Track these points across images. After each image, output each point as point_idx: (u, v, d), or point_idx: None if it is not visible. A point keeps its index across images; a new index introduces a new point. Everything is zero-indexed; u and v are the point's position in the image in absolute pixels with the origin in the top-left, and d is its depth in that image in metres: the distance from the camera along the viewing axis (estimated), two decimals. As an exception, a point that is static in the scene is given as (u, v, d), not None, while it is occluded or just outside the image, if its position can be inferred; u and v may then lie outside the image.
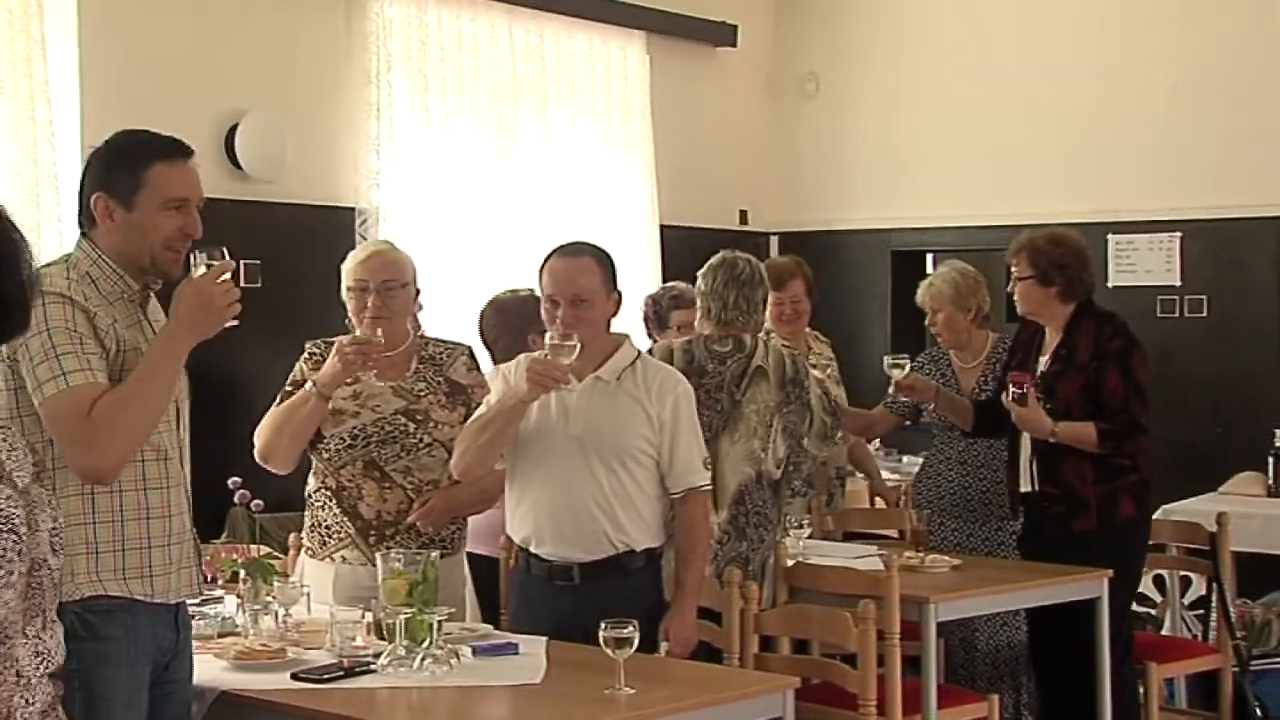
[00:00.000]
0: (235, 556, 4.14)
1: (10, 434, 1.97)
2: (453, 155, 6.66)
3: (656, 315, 5.71)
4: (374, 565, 4.03)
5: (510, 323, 5.06)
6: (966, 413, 5.32)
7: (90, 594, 3.05)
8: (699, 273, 4.89)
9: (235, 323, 3.15)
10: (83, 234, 3.21)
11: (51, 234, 5.19)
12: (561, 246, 4.02)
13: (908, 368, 5.25)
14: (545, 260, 3.98)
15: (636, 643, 3.35)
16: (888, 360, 5.26)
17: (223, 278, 3.12)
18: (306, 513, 4.28)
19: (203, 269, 3.12)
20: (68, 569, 2.90)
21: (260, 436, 4.16)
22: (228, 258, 3.14)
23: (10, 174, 5.11)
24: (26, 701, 1.87)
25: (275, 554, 4.27)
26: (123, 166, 3.17)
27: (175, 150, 3.23)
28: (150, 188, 3.15)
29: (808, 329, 5.93)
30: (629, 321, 4.85)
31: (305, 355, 4.27)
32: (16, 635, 1.78)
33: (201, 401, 3.42)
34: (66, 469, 3.04)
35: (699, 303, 4.86)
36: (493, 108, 6.85)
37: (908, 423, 5.87)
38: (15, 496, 1.87)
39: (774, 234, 8.37)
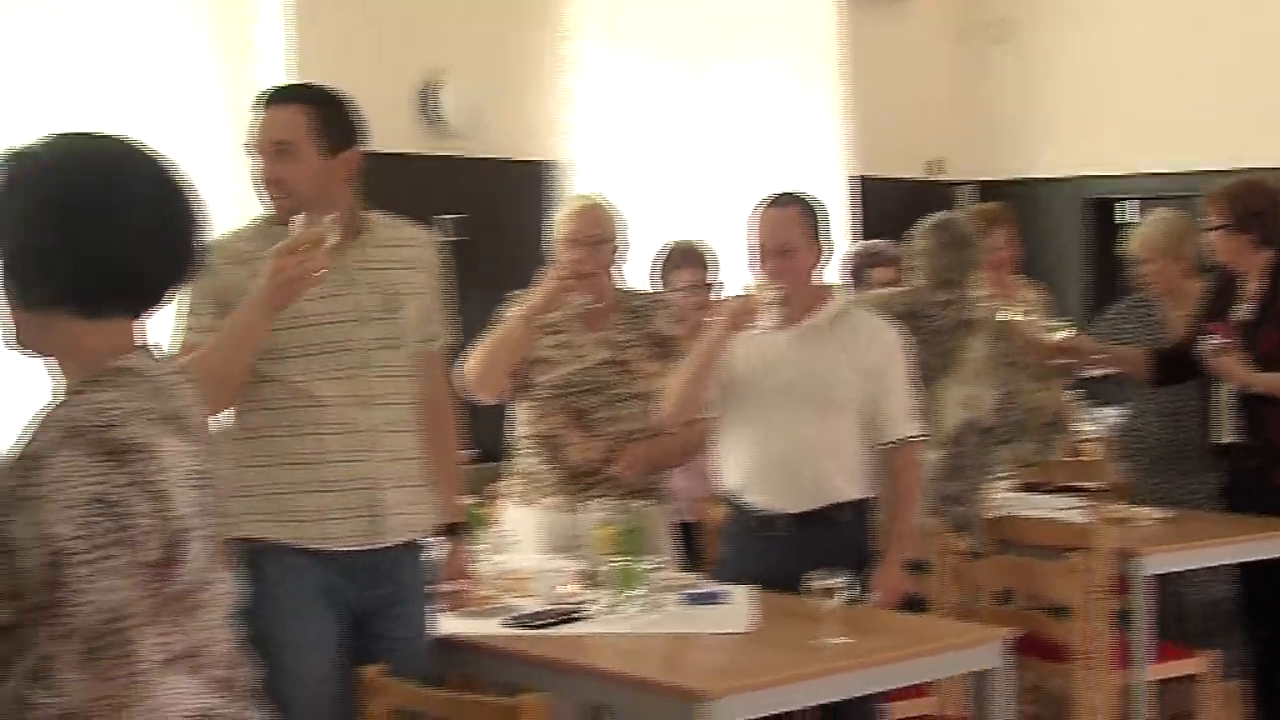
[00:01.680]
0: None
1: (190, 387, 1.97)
2: (646, 108, 6.67)
3: (855, 273, 5.67)
4: (580, 513, 4.09)
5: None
6: (1140, 364, 5.19)
7: (240, 535, 3.14)
8: (914, 231, 4.83)
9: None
10: None
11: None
12: (771, 196, 4.03)
13: (1067, 331, 5.18)
14: (755, 209, 3.99)
15: (847, 593, 3.35)
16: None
17: (304, 248, 3.08)
18: (513, 460, 4.35)
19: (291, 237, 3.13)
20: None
21: (472, 366, 4.18)
22: (329, 224, 3.11)
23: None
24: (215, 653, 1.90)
25: (480, 501, 4.35)
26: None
27: (258, 99, 3.33)
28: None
29: (1015, 276, 5.87)
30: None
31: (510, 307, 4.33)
32: (139, 626, 1.74)
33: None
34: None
35: (913, 261, 4.81)
36: (685, 59, 6.83)
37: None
38: (202, 453, 1.86)
39: (967, 183, 8.24)
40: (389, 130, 3.42)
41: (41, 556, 1.71)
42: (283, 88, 3.43)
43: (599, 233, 4.24)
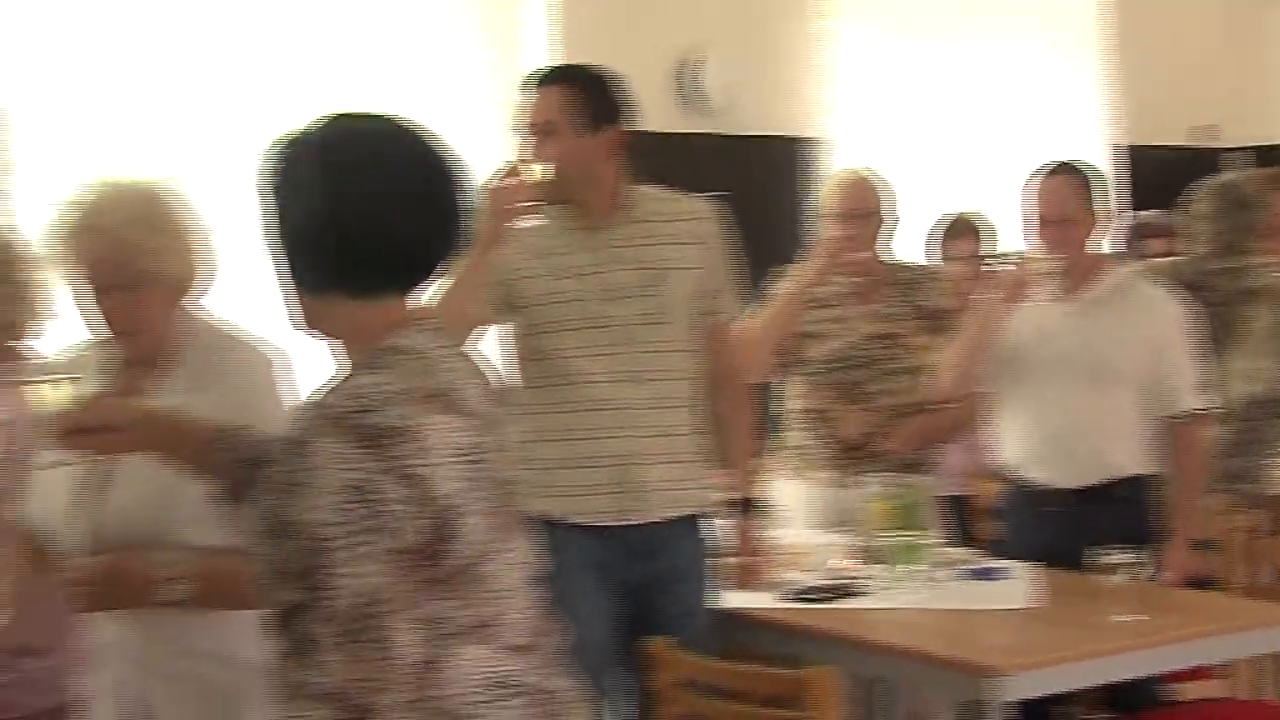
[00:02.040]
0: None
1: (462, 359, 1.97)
2: (903, 82, 6.59)
3: (1127, 244, 5.51)
4: (851, 488, 4.06)
5: None
6: None
7: None
8: (1192, 196, 4.67)
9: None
10: None
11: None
12: (1047, 165, 3.94)
13: None
14: (1030, 179, 3.91)
15: (1134, 569, 3.26)
16: None
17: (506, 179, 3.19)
18: (782, 435, 4.34)
19: None
20: None
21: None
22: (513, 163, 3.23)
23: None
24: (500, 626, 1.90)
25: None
26: None
27: (525, 81, 3.39)
28: None
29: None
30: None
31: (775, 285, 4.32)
32: (393, 611, 1.76)
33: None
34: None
35: (1191, 227, 4.64)
36: (942, 31, 6.72)
37: None
38: (473, 427, 1.85)
39: (1238, 149, 7.92)
40: (646, 109, 3.44)
41: (304, 542, 1.75)
42: (548, 69, 3.48)
43: (866, 206, 4.21)
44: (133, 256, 2.46)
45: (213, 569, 2.37)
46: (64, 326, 2.76)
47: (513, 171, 3.19)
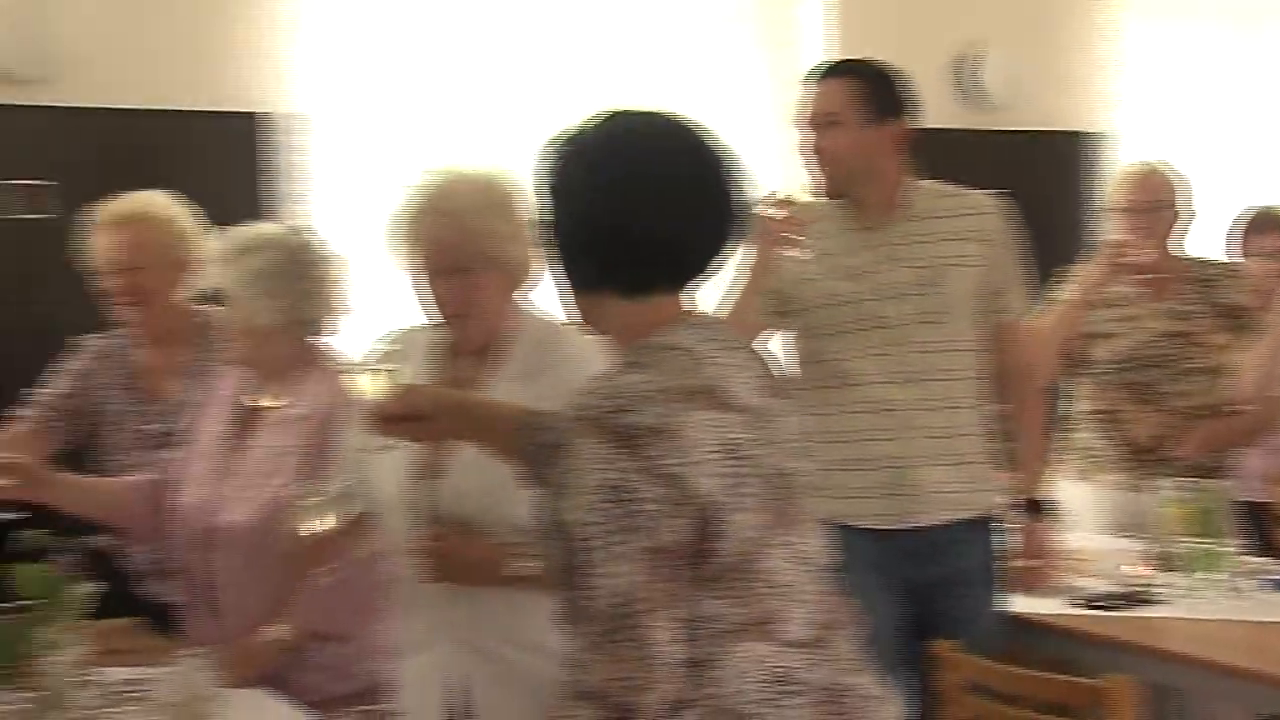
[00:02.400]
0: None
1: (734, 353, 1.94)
2: (1192, 71, 6.35)
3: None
4: (1143, 491, 3.92)
5: None
6: None
7: None
8: None
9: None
10: None
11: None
12: None
13: None
14: None
15: None
16: None
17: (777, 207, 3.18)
18: (1069, 436, 4.22)
19: None
20: None
21: None
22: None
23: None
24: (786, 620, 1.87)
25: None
26: None
27: (809, 75, 3.35)
28: None
29: None
30: None
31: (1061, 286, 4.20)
32: (649, 610, 1.74)
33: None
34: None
35: None
36: (1231, 18, 6.45)
37: None
38: (740, 422, 1.83)
39: None
40: (925, 105, 3.38)
41: (568, 541, 1.76)
42: (832, 63, 3.45)
43: (1157, 198, 4.06)
44: (472, 240, 2.51)
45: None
46: (378, 317, 2.82)
47: (782, 202, 3.17)
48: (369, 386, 2.35)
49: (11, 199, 4.26)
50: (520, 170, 2.23)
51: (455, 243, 2.52)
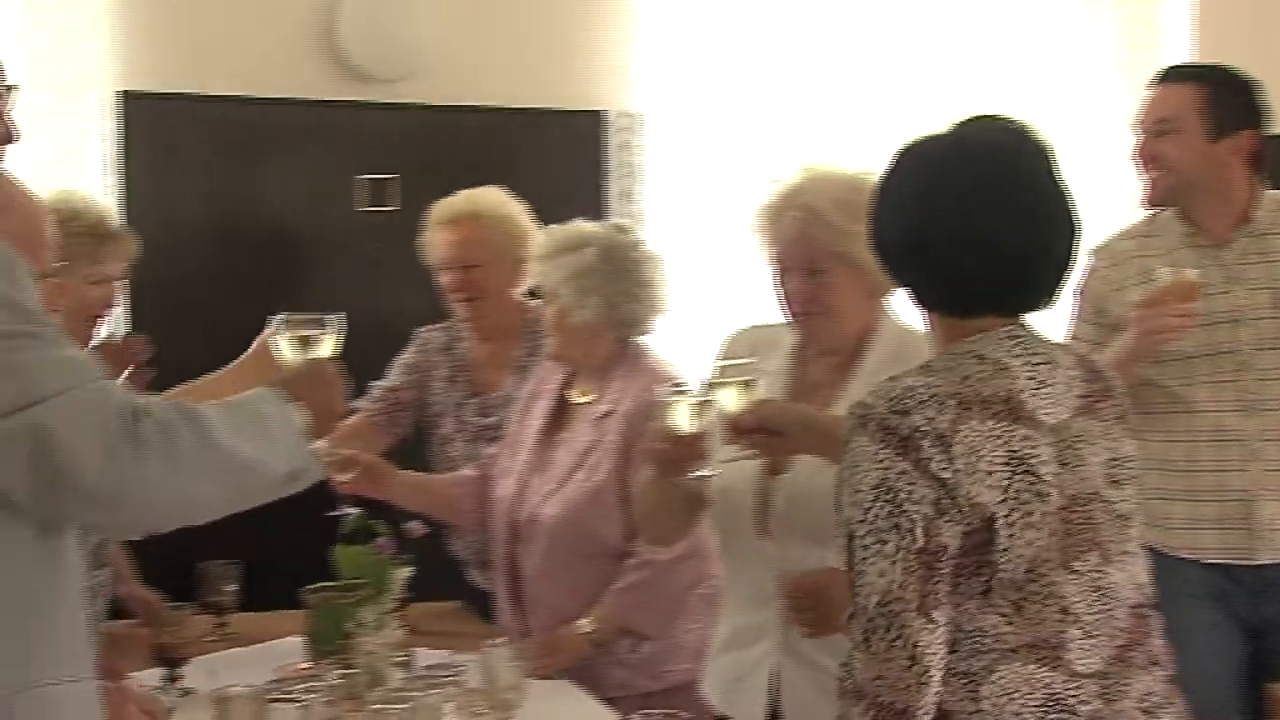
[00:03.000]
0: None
1: (1048, 368, 1.87)
2: None
3: None
4: None
5: None
6: None
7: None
8: None
9: None
10: None
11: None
12: None
13: None
14: None
15: None
16: None
17: (1170, 300, 2.95)
18: None
19: None
20: None
21: None
22: (1196, 275, 2.97)
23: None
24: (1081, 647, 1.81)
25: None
26: None
27: (1154, 78, 3.19)
28: None
29: None
30: None
31: None
32: (912, 610, 1.73)
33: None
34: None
35: None
36: None
37: None
38: (1034, 437, 1.79)
39: None
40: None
41: (843, 539, 1.78)
42: (1176, 66, 3.29)
43: None
44: (825, 239, 2.49)
45: None
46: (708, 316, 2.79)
47: (1175, 292, 2.97)
48: (729, 400, 2.36)
49: (363, 193, 4.44)
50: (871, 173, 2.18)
51: (807, 240, 2.50)
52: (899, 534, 1.74)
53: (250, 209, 4.34)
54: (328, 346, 2.31)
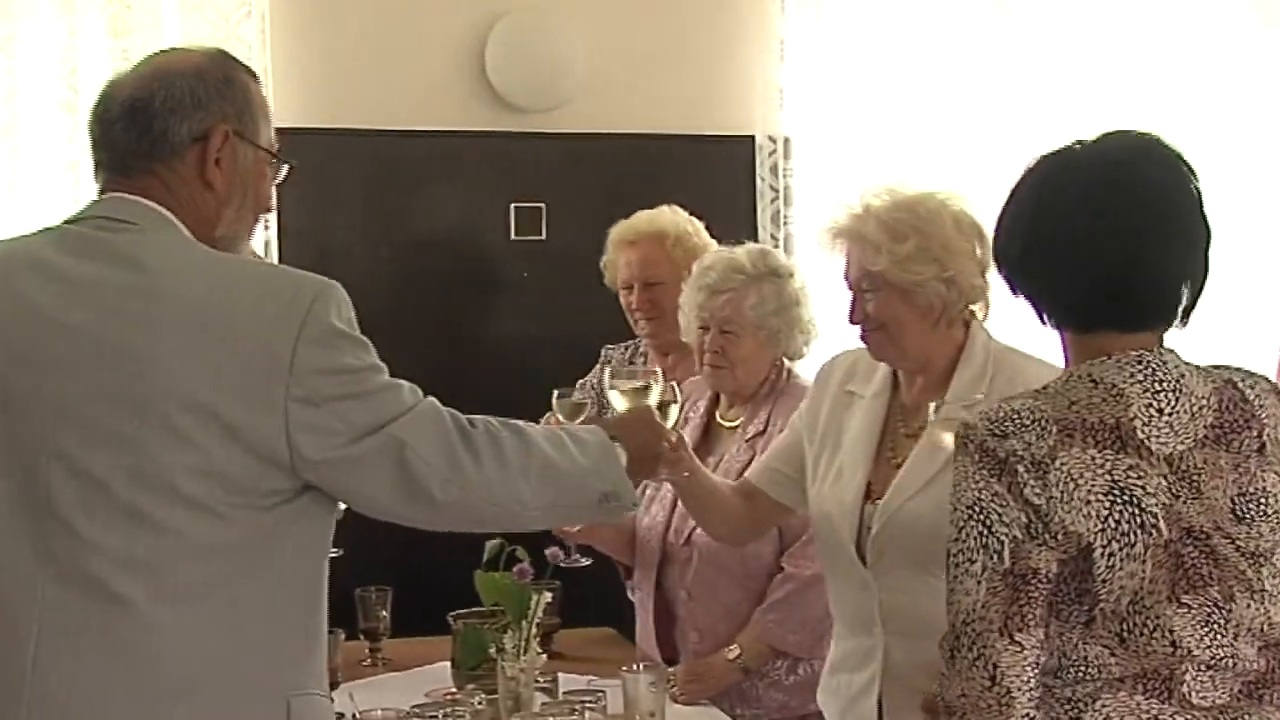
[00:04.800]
0: None
1: (1171, 397, 1.82)
2: None
3: None
4: None
5: None
6: None
7: None
8: None
9: None
10: None
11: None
12: None
13: None
14: None
15: None
16: None
17: None
18: None
19: None
20: None
21: None
22: None
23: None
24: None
25: None
26: None
27: None
28: None
29: None
30: None
31: None
32: (994, 631, 1.74)
33: None
34: None
35: None
36: None
37: None
38: (1141, 467, 1.75)
39: None
40: None
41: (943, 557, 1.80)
42: None
43: None
44: (875, 259, 2.52)
45: None
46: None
47: None
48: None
49: (515, 221, 4.49)
50: (990, 190, 2.15)
51: (855, 262, 2.56)
52: (986, 554, 1.75)
53: (402, 240, 4.42)
54: (654, 397, 2.48)
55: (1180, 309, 1.86)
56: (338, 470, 1.87)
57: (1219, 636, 1.78)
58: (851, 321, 2.58)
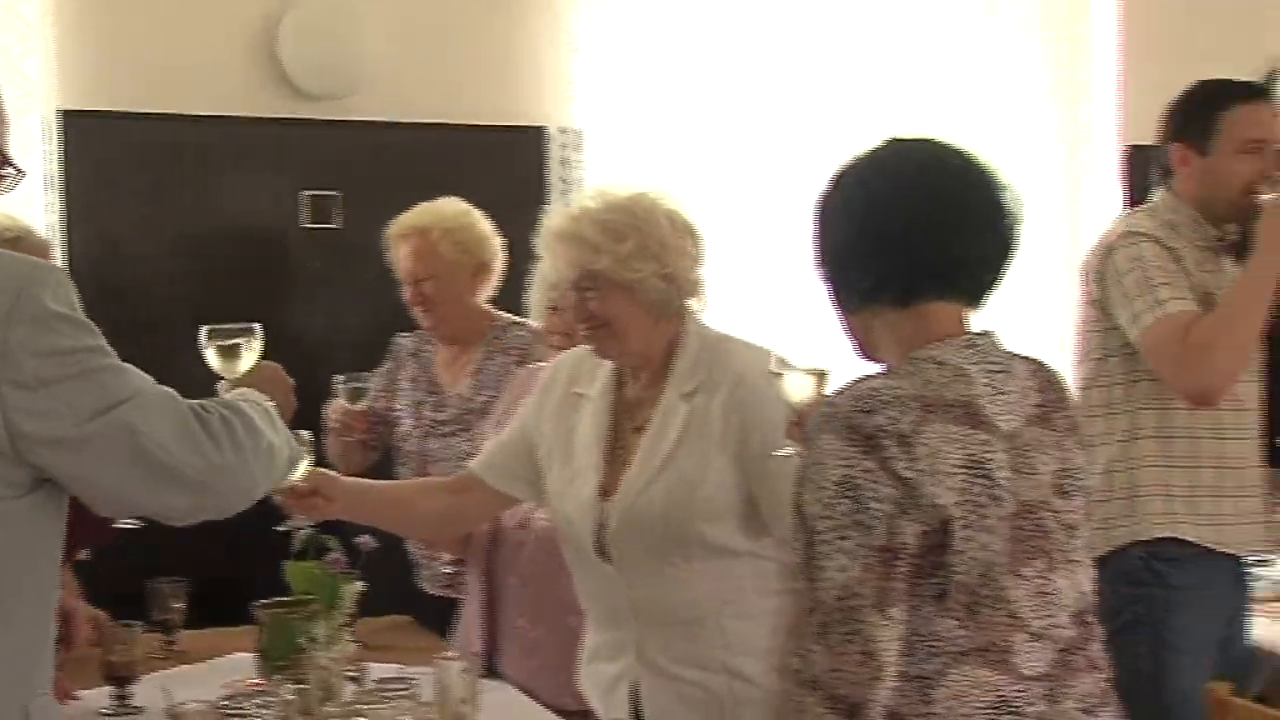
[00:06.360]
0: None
1: (1004, 377, 1.92)
2: None
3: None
4: None
5: None
6: None
7: (1161, 535, 3.06)
8: None
9: None
10: (1164, 186, 3.19)
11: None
12: None
13: None
14: None
15: None
16: None
17: None
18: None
19: None
20: (1141, 510, 3.04)
21: None
22: None
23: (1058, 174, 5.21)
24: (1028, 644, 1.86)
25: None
26: (1198, 112, 3.12)
27: (1251, 92, 3.13)
28: (1225, 132, 3.07)
29: None
30: None
31: None
32: (869, 606, 1.77)
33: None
34: (1145, 409, 3.08)
35: None
36: None
37: None
38: (991, 442, 1.83)
39: None
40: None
41: (804, 533, 1.81)
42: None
43: None
44: (596, 259, 2.59)
45: None
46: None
47: None
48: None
49: (307, 209, 4.45)
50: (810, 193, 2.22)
51: (570, 261, 2.63)
52: (860, 530, 1.77)
53: (192, 227, 4.34)
54: (255, 353, 2.49)
55: (989, 285, 1.95)
56: (66, 451, 1.85)
57: (1048, 607, 1.87)
58: (576, 321, 2.66)
